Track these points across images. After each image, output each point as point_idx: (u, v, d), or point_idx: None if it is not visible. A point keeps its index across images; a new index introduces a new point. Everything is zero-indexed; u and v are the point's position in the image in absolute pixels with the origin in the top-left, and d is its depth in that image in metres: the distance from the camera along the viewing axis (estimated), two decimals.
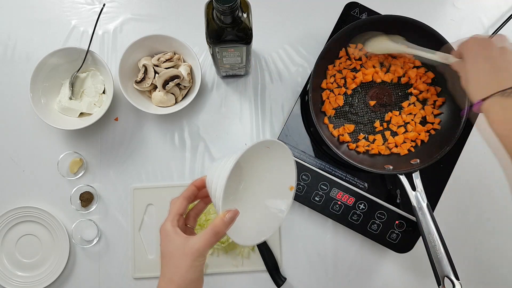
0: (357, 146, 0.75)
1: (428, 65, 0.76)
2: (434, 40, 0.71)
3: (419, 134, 0.74)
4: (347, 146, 0.75)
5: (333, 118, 0.76)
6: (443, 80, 0.74)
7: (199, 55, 0.84)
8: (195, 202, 0.59)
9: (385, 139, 0.75)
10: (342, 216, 0.76)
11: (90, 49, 0.76)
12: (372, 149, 0.74)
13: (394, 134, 0.75)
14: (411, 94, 0.75)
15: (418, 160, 0.71)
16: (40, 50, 0.83)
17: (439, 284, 0.64)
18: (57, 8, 0.86)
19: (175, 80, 0.75)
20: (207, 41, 0.63)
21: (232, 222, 0.51)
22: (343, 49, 0.76)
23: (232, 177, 0.59)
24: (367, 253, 0.80)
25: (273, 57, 0.85)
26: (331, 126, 0.75)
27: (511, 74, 0.55)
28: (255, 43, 0.83)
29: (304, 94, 0.79)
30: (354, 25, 0.71)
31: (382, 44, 0.72)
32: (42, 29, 0.85)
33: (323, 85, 0.76)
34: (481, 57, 0.57)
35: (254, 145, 0.54)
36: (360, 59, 0.76)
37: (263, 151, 0.60)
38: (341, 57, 0.76)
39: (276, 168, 0.62)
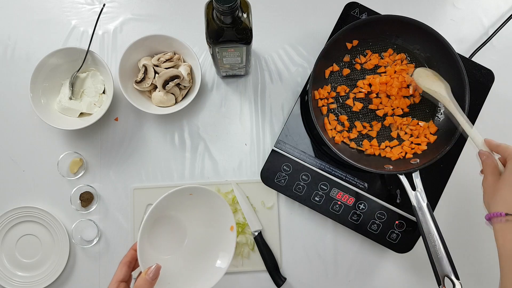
0: (357, 146, 0.75)
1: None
2: (433, 40, 0.71)
3: (424, 137, 0.74)
4: (347, 146, 0.75)
5: (333, 118, 0.76)
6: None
7: (199, 55, 0.84)
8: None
9: (384, 139, 0.75)
10: (342, 216, 0.76)
11: (90, 49, 0.76)
12: (372, 148, 0.74)
13: (392, 138, 0.75)
14: (412, 95, 0.75)
15: (418, 160, 0.71)
16: (40, 50, 0.83)
17: (439, 283, 0.64)
18: (57, 8, 0.86)
19: (175, 80, 0.75)
20: (207, 41, 0.63)
21: (156, 278, 0.52)
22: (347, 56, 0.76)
23: (169, 234, 0.63)
24: (367, 253, 0.80)
25: (273, 57, 0.85)
26: (331, 126, 0.75)
27: None
28: (255, 43, 0.83)
29: (304, 94, 0.79)
30: (353, 25, 0.71)
31: (431, 85, 0.71)
32: (42, 29, 0.85)
33: (320, 94, 0.76)
34: None
35: (166, 196, 0.57)
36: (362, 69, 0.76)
37: (191, 201, 0.62)
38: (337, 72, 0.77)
39: (215, 213, 0.64)
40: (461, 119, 0.65)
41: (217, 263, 0.62)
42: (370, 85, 0.76)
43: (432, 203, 0.74)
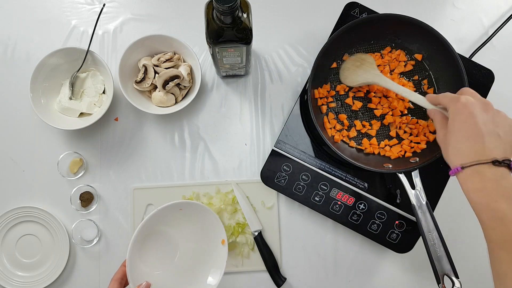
0: (356, 145, 0.75)
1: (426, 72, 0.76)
2: (433, 39, 0.71)
3: (423, 135, 0.74)
4: (347, 145, 0.75)
5: (333, 117, 0.76)
6: (439, 80, 0.74)
7: (199, 55, 0.84)
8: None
9: (383, 138, 0.75)
10: (342, 216, 0.76)
11: (90, 49, 0.76)
12: (371, 147, 0.74)
13: (391, 137, 0.75)
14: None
15: (418, 159, 0.71)
16: (40, 50, 0.83)
17: (438, 282, 0.64)
18: (57, 8, 0.86)
19: (175, 80, 0.75)
20: (207, 41, 0.63)
21: None
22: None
23: (161, 249, 0.64)
24: (367, 253, 0.80)
25: (273, 57, 0.85)
26: (330, 125, 0.75)
27: (504, 145, 0.51)
28: (255, 43, 0.83)
29: (304, 93, 0.79)
30: (352, 24, 0.71)
31: (356, 77, 0.71)
32: (42, 29, 0.85)
33: (319, 93, 0.76)
34: (472, 121, 0.51)
35: (155, 212, 0.58)
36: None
37: (181, 215, 0.62)
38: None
39: (205, 227, 0.64)
40: (398, 89, 0.64)
41: (208, 279, 0.62)
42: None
43: (432, 202, 0.74)
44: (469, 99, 0.53)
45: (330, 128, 0.75)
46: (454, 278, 0.63)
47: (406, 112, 0.75)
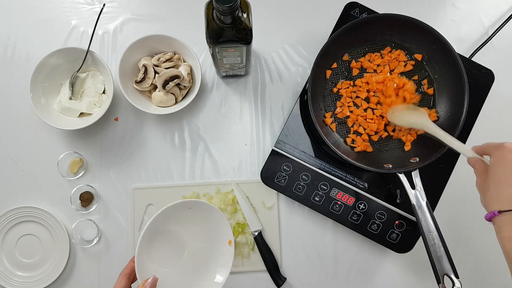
0: (355, 143, 0.75)
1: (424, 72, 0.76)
2: (433, 39, 0.71)
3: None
4: (346, 144, 0.75)
5: (333, 118, 0.76)
6: (439, 80, 0.74)
7: (199, 55, 0.84)
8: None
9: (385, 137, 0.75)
10: (342, 216, 0.76)
11: (90, 49, 0.76)
12: (369, 146, 0.74)
13: (391, 136, 0.75)
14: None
15: (418, 159, 0.71)
16: (40, 50, 0.83)
17: (438, 282, 0.64)
18: (57, 8, 0.86)
19: (175, 80, 0.75)
20: (207, 41, 0.63)
21: None
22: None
23: (168, 247, 0.64)
24: (367, 253, 0.80)
25: (273, 57, 0.85)
26: (331, 126, 0.76)
27: None
28: (255, 43, 0.83)
29: (304, 94, 0.79)
30: (352, 24, 0.71)
31: (407, 122, 0.71)
32: (42, 29, 0.85)
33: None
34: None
35: (164, 209, 0.58)
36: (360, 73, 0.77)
37: (190, 214, 0.62)
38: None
39: (213, 227, 0.64)
40: (448, 139, 0.64)
41: (215, 277, 0.62)
42: (367, 83, 0.76)
43: (432, 202, 0.74)
44: (511, 145, 0.53)
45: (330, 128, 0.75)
46: (454, 278, 0.63)
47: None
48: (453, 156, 0.76)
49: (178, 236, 0.66)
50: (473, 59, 0.80)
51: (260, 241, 0.78)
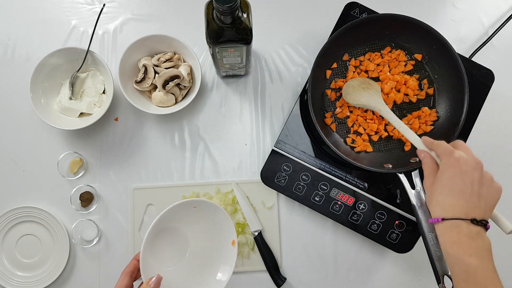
0: (355, 143, 0.75)
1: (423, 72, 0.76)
2: (433, 39, 0.71)
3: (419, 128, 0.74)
4: (346, 144, 0.75)
5: (333, 117, 0.76)
6: (439, 80, 0.74)
7: (199, 55, 0.84)
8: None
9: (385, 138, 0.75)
10: (342, 216, 0.76)
11: (90, 49, 0.76)
12: (369, 146, 0.74)
13: (390, 136, 0.75)
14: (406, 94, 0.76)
15: (418, 159, 0.71)
16: (40, 50, 0.83)
17: (438, 282, 0.64)
18: (57, 8, 0.86)
19: (175, 80, 0.75)
20: (207, 41, 0.63)
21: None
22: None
23: (172, 246, 0.64)
24: (367, 253, 0.80)
25: (273, 57, 0.85)
26: (331, 126, 0.76)
27: (485, 206, 0.53)
28: (255, 43, 0.83)
29: (304, 94, 0.79)
30: (352, 24, 0.71)
31: (358, 100, 0.72)
32: (42, 29, 0.85)
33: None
34: (461, 175, 0.53)
35: (171, 208, 0.58)
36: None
37: (195, 213, 0.62)
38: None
39: (217, 227, 0.64)
40: (397, 123, 0.66)
41: (218, 276, 0.62)
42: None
43: None
44: (463, 155, 0.54)
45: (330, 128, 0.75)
46: None
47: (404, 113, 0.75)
48: None
49: (182, 234, 0.65)
50: (473, 59, 0.80)
51: (260, 241, 0.78)
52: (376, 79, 0.76)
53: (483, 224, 0.52)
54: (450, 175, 0.54)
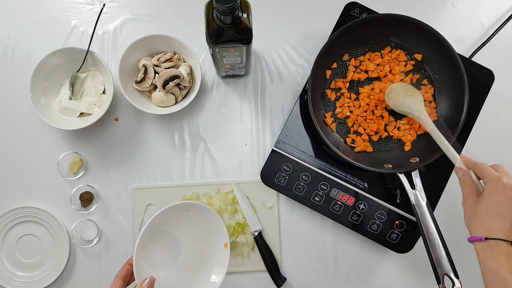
0: (355, 143, 0.75)
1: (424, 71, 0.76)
2: (433, 39, 0.71)
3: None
4: (346, 144, 0.75)
5: (333, 117, 0.76)
6: (439, 80, 0.74)
7: (199, 55, 0.84)
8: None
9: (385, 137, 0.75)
10: (342, 216, 0.76)
11: (90, 49, 0.76)
12: (364, 143, 0.74)
13: (390, 136, 0.75)
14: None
15: (418, 159, 0.71)
16: (40, 50, 0.83)
17: (438, 282, 0.64)
18: (57, 8, 0.86)
19: (175, 80, 0.75)
20: (207, 41, 0.63)
21: None
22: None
23: (164, 250, 0.64)
24: (367, 253, 0.80)
25: (273, 57, 0.85)
26: (331, 126, 0.76)
27: None
28: (255, 43, 0.83)
29: (304, 94, 0.79)
30: (352, 24, 0.71)
31: (401, 106, 0.72)
32: (42, 29, 0.85)
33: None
34: (507, 201, 0.57)
35: (162, 211, 0.59)
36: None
37: (187, 216, 0.63)
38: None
39: (209, 230, 0.65)
40: (437, 135, 0.67)
41: (211, 277, 0.63)
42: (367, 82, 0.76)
43: (432, 203, 0.74)
44: (510, 182, 0.58)
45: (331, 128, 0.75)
46: (454, 278, 0.63)
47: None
48: None
49: (174, 237, 0.66)
50: (473, 59, 0.80)
51: (260, 241, 0.78)
52: (376, 79, 0.76)
53: None
54: (496, 200, 0.57)
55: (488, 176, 0.60)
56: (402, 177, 0.69)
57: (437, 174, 0.75)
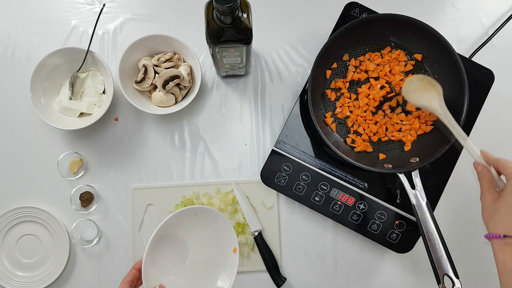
0: (355, 143, 0.75)
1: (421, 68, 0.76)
2: (433, 39, 0.71)
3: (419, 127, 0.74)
4: (346, 144, 0.75)
5: (332, 117, 0.76)
6: (439, 80, 0.74)
7: (199, 55, 0.84)
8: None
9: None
10: (342, 216, 0.76)
11: (90, 49, 0.76)
12: (369, 145, 0.74)
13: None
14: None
15: (418, 159, 0.71)
16: (40, 50, 0.83)
17: (438, 282, 0.64)
18: (57, 8, 0.86)
19: (175, 80, 0.75)
20: (207, 41, 0.63)
21: None
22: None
23: (171, 254, 0.63)
24: (367, 253, 0.80)
25: (273, 57, 0.85)
26: (331, 126, 0.76)
27: None
28: (255, 43, 0.83)
29: (304, 94, 0.79)
30: (352, 24, 0.71)
31: (420, 100, 0.70)
32: (42, 29, 0.85)
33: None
34: None
35: (172, 216, 0.57)
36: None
37: (195, 220, 0.62)
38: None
39: (218, 234, 0.63)
40: (456, 131, 0.65)
41: (219, 283, 0.62)
42: (366, 82, 0.76)
43: (432, 203, 0.74)
44: None
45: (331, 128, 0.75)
46: (454, 278, 0.63)
47: (400, 110, 0.75)
48: (453, 156, 0.76)
49: (182, 242, 0.65)
50: (473, 59, 0.80)
51: (260, 241, 0.78)
52: (376, 79, 0.76)
53: None
54: None
55: (509, 170, 0.57)
56: (402, 177, 0.69)
57: (437, 174, 0.75)
